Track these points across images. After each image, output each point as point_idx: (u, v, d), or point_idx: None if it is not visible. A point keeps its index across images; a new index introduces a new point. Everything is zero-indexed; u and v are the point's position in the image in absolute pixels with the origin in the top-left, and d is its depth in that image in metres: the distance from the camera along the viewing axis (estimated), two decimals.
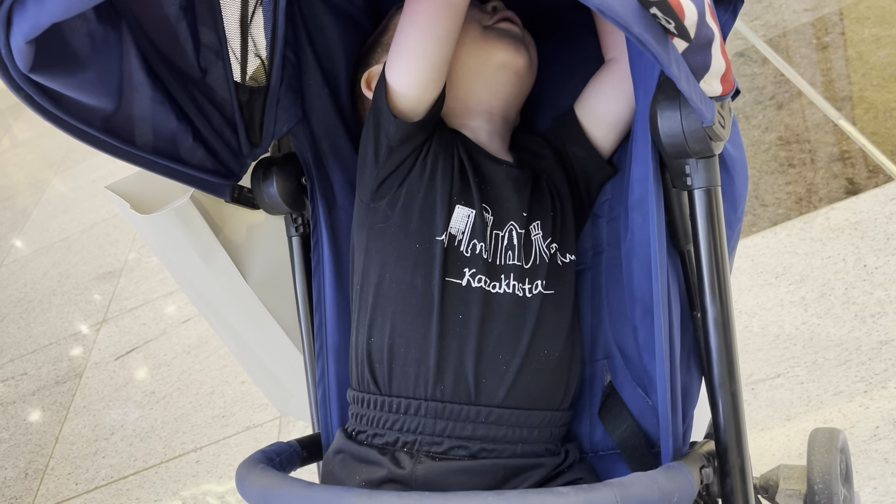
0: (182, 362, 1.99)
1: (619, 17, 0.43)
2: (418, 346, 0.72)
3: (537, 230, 0.77)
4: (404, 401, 0.72)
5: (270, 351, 0.93)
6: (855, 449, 1.17)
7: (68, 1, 0.45)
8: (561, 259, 0.78)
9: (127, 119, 0.68)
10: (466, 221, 0.74)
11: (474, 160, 0.78)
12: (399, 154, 0.75)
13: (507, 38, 0.82)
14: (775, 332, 1.38)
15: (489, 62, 0.81)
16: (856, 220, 1.49)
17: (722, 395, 0.65)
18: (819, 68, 1.88)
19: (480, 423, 0.71)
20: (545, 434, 0.74)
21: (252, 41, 0.80)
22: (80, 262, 2.60)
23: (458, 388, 0.71)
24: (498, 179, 0.78)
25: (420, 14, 0.72)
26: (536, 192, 0.80)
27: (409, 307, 0.73)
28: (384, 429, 0.72)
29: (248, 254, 0.87)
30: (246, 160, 0.82)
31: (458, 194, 0.75)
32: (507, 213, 0.76)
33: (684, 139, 0.60)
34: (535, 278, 0.75)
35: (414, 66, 0.72)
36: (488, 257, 0.74)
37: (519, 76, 0.83)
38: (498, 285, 0.74)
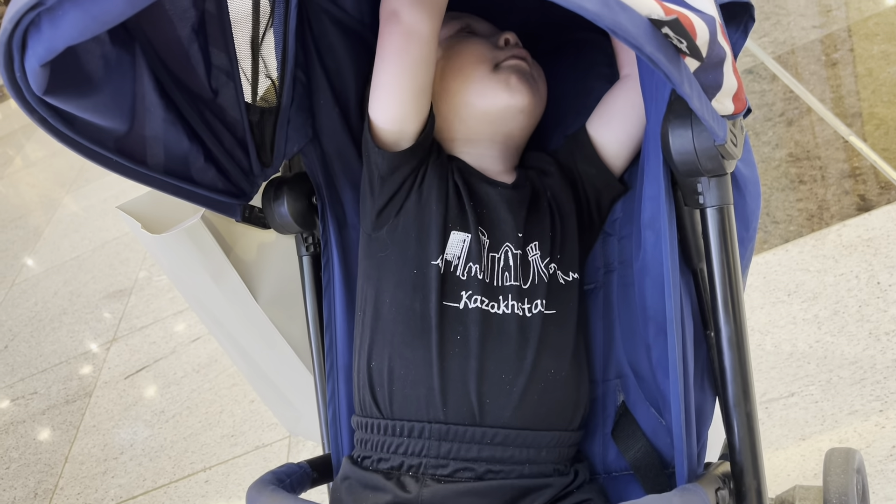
0: (191, 381, 1.98)
1: (631, 36, 0.43)
2: (418, 368, 0.72)
3: (535, 251, 0.77)
4: (407, 424, 0.72)
5: (280, 371, 0.93)
6: (871, 469, 1.15)
7: (83, 24, 0.45)
8: (562, 278, 0.78)
9: (139, 140, 0.69)
10: (462, 246, 0.75)
11: (469, 184, 0.79)
12: (391, 183, 0.76)
13: (514, 80, 0.82)
14: (789, 350, 1.37)
15: (495, 104, 0.82)
16: (868, 237, 1.48)
17: (737, 416, 0.64)
18: (828, 85, 1.88)
19: (486, 445, 0.70)
20: (553, 454, 0.73)
21: (263, 62, 0.81)
22: (91, 281, 2.61)
23: (462, 409, 0.71)
24: (493, 202, 0.78)
25: (386, 47, 0.73)
26: (534, 211, 0.80)
27: (408, 330, 0.73)
28: (388, 453, 0.72)
29: (258, 273, 0.87)
30: (257, 180, 0.82)
31: (452, 220, 0.76)
32: (503, 234, 0.77)
33: (696, 157, 0.60)
34: (534, 298, 0.75)
35: (388, 100, 0.74)
36: (485, 278, 0.74)
37: (525, 114, 0.84)
38: (497, 305, 0.74)
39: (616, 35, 0.43)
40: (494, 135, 0.83)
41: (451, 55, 0.83)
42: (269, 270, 0.88)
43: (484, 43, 0.84)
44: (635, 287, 0.77)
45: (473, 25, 0.88)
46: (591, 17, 0.41)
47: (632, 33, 0.43)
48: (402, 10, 0.71)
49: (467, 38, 0.85)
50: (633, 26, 0.43)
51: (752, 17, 0.67)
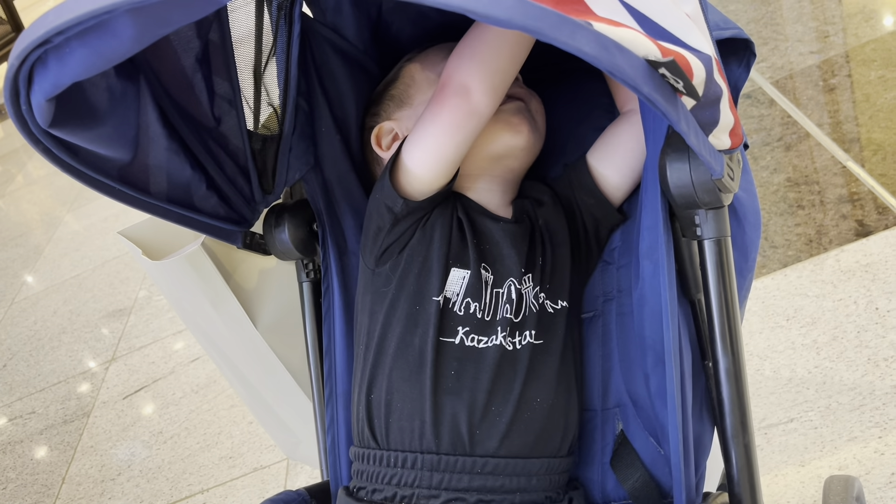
0: (190, 402, 1.98)
1: (628, 77, 0.44)
2: (413, 401, 0.73)
3: (528, 282, 0.78)
4: (401, 454, 0.72)
5: (279, 396, 0.93)
6: (870, 496, 1.15)
7: (90, 62, 0.46)
8: (551, 307, 0.78)
9: (142, 168, 0.69)
10: (461, 283, 0.76)
11: (473, 220, 0.79)
12: (403, 225, 0.77)
13: (514, 119, 0.83)
14: (787, 375, 1.37)
15: (497, 144, 0.82)
16: (867, 263, 1.49)
17: (735, 447, 0.64)
18: (826, 110, 1.89)
19: (477, 474, 0.71)
20: (544, 482, 0.73)
21: (265, 90, 0.81)
22: (91, 300, 2.61)
23: (454, 440, 0.72)
24: (497, 238, 0.79)
25: (444, 116, 0.74)
26: (532, 244, 0.80)
27: (406, 364, 0.74)
28: (383, 483, 0.73)
29: (258, 299, 0.87)
30: (258, 207, 0.83)
31: (454, 257, 0.76)
32: (507, 270, 0.77)
33: (693, 191, 0.61)
34: (524, 330, 0.76)
35: (430, 161, 0.75)
36: (484, 315, 0.75)
37: (525, 150, 0.84)
38: (488, 340, 0.74)
39: (614, 76, 0.44)
40: (495, 171, 0.84)
41: None
42: (268, 297, 0.88)
43: None
44: (634, 316, 0.77)
45: None
46: (589, 59, 0.42)
47: (629, 75, 0.44)
48: (475, 88, 0.72)
49: None
50: (630, 68, 0.43)
51: (754, 53, 0.68)
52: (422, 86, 0.86)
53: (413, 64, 0.89)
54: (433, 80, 0.85)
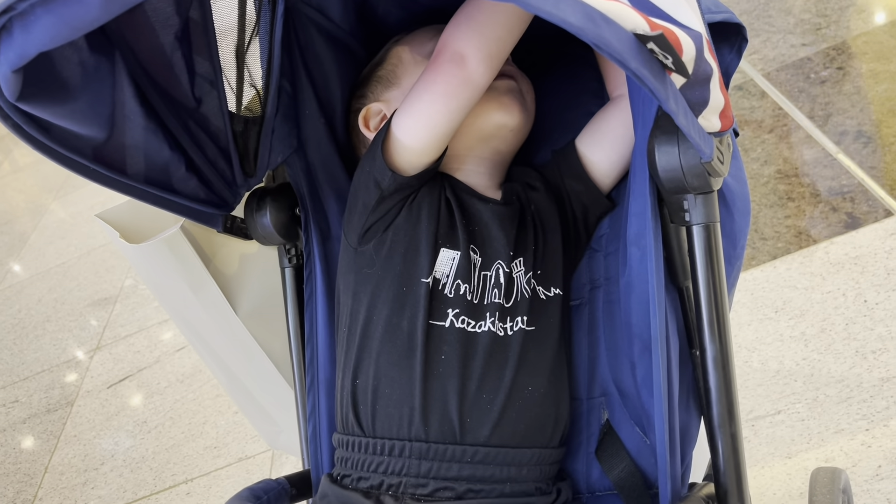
0: (175, 391, 1.96)
1: (615, 51, 0.42)
2: (402, 386, 0.71)
3: (519, 267, 0.76)
4: (388, 442, 0.71)
5: (260, 384, 0.92)
6: (857, 489, 1.15)
7: (56, 30, 0.44)
8: (544, 293, 0.77)
9: (119, 148, 0.67)
10: (451, 264, 0.74)
11: (461, 201, 0.78)
12: (389, 202, 0.75)
13: (505, 98, 0.81)
14: (775, 367, 1.36)
15: (486, 122, 0.81)
16: (856, 255, 1.48)
17: (721, 437, 0.63)
18: (817, 102, 1.89)
19: (466, 463, 0.69)
20: (534, 472, 0.72)
21: (248, 71, 0.79)
22: (76, 289, 2.58)
23: (443, 428, 0.70)
24: (485, 219, 0.77)
25: (438, 83, 0.72)
26: (522, 227, 0.79)
27: (395, 348, 0.72)
28: (369, 472, 0.71)
29: (238, 285, 0.86)
30: (239, 190, 0.81)
31: (443, 237, 0.74)
32: (495, 252, 0.76)
33: (682, 174, 0.59)
34: (515, 315, 0.74)
35: (423, 132, 0.73)
36: (473, 298, 0.73)
37: (515, 131, 0.83)
38: (479, 325, 0.73)
39: (601, 50, 0.42)
40: (483, 152, 0.83)
41: None
42: (249, 282, 0.87)
43: None
44: (620, 304, 0.76)
45: None
46: (574, 31, 0.40)
47: (616, 48, 0.42)
48: (471, 57, 0.70)
49: None
50: (617, 41, 0.42)
51: (745, 37, 0.66)
52: (409, 67, 0.85)
53: (401, 45, 0.87)
54: (421, 61, 0.84)
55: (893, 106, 1.77)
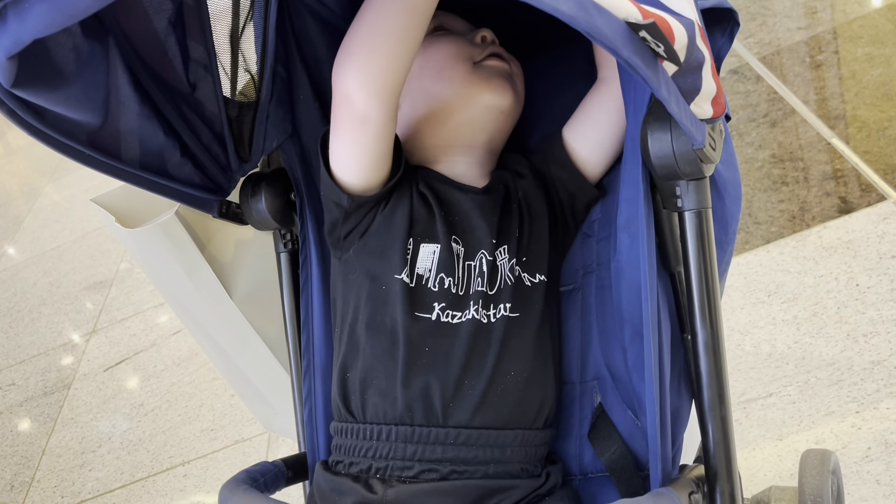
0: (171, 374, 1.97)
1: (607, 40, 0.43)
2: (388, 377, 0.72)
3: (503, 254, 0.76)
4: (376, 427, 0.72)
5: (255, 368, 0.92)
6: (846, 470, 1.16)
7: (50, 17, 0.44)
8: (529, 280, 0.77)
9: (113, 134, 0.67)
10: (432, 258, 0.74)
11: (439, 193, 0.78)
12: (357, 216, 0.75)
13: (495, 79, 0.81)
14: (768, 350, 1.38)
15: (475, 104, 0.81)
16: (848, 240, 1.49)
17: (712, 420, 0.64)
18: (812, 86, 1.89)
19: (450, 445, 0.70)
20: (519, 454, 0.73)
21: (242, 56, 0.79)
22: (71, 272, 2.58)
23: (427, 413, 0.71)
24: (466, 208, 0.77)
25: (339, 127, 0.71)
26: (506, 215, 0.78)
27: (379, 343, 0.73)
28: (359, 457, 0.72)
29: (233, 270, 0.86)
30: (234, 175, 0.81)
31: (421, 233, 0.75)
32: (478, 241, 0.76)
33: (675, 161, 0.60)
34: (498, 303, 0.74)
35: (348, 169, 0.73)
36: (458, 290, 0.74)
37: (505, 114, 0.83)
38: (463, 315, 0.73)
39: (593, 38, 0.43)
40: (475, 138, 0.82)
41: (427, 56, 0.82)
42: (244, 267, 0.87)
43: (460, 41, 0.83)
44: (612, 289, 0.76)
45: (448, 23, 0.87)
46: (566, 19, 0.41)
47: (608, 37, 0.42)
48: (356, 96, 0.68)
49: (442, 36, 0.84)
50: (609, 30, 0.42)
51: (737, 22, 0.66)
52: None
53: None
54: None
55: (888, 90, 1.77)
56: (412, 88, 0.82)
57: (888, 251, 1.44)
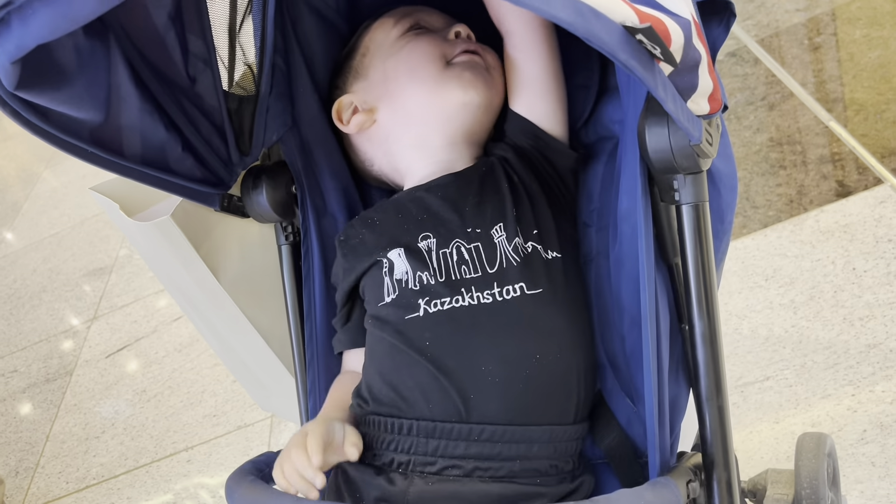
0: (173, 360, 1.98)
1: (605, 45, 0.43)
2: (399, 375, 0.73)
3: (501, 231, 0.76)
4: (397, 421, 0.72)
5: (250, 352, 0.94)
6: (842, 452, 1.18)
7: (54, 23, 0.44)
8: (544, 255, 0.76)
9: (115, 130, 0.68)
10: (401, 261, 0.76)
11: (403, 207, 0.80)
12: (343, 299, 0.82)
13: (468, 75, 0.81)
14: (765, 334, 1.39)
15: (449, 103, 0.81)
16: (845, 223, 1.50)
17: (709, 409, 0.65)
18: (811, 69, 1.89)
19: (473, 441, 0.70)
20: (547, 450, 0.71)
21: (241, 49, 0.80)
22: (71, 259, 2.59)
23: (446, 407, 0.71)
24: (434, 207, 0.79)
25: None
26: (491, 196, 0.78)
27: (386, 353, 0.75)
28: (381, 449, 0.72)
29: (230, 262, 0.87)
30: (236, 169, 0.82)
31: (386, 245, 0.78)
32: (450, 232, 0.77)
33: (672, 155, 0.60)
34: (506, 282, 0.73)
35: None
36: (437, 279, 0.75)
37: (482, 108, 0.83)
38: (455, 300, 0.73)
39: (590, 42, 0.43)
40: (454, 135, 0.83)
41: (401, 58, 0.83)
42: (240, 258, 0.88)
43: (433, 39, 0.83)
44: (611, 278, 0.77)
45: (424, 19, 0.87)
46: (565, 25, 0.41)
47: (606, 42, 0.43)
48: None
49: (416, 37, 0.84)
50: (606, 35, 0.43)
51: (734, 13, 0.66)
52: (375, 55, 0.85)
53: (368, 32, 0.88)
54: (387, 47, 0.84)
55: (886, 72, 1.77)
56: (388, 91, 0.82)
57: (885, 235, 1.45)
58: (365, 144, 0.88)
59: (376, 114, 0.84)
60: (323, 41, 0.86)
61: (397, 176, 0.87)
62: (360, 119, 0.85)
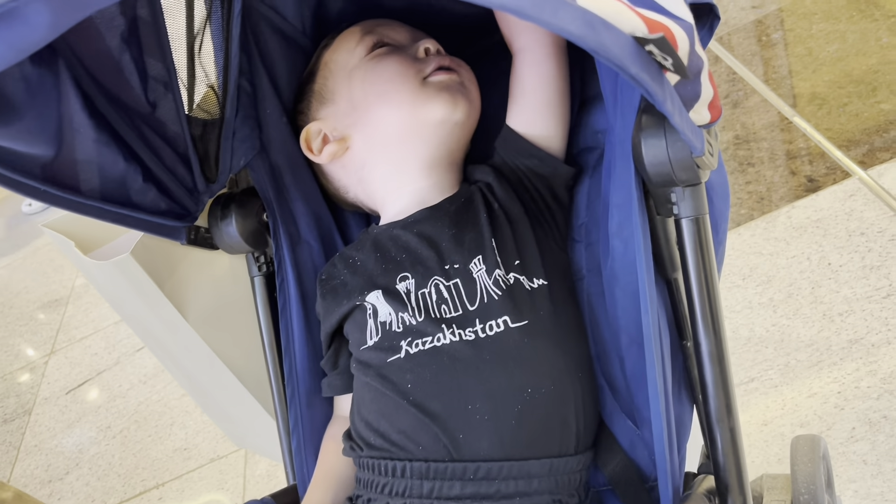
0: (138, 393, 1.91)
1: (615, 57, 0.40)
2: (387, 418, 0.70)
3: (480, 265, 0.72)
4: (390, 463, 0.68)
5: (222, 391, 0.89)
6: (833, 452, 1.17)
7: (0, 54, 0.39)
8: (528, 284, 0.72)
9: (70, 165, 0.63)
10: (383, 303, 0.73)
11: (381, 245, 0.77)
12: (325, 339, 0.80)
13: (444, 93, 0.77)
14: (746, 335, 1.38)
15: (428, 122, 0.77)
16: (817, 218, 1.50)
17: (720, 431, 0.62)
18: (770, 65, 1.89)
19: (469, 481, 0.66)
20: (548, 484, 0.68)
21: (203, 71, 0.75)
22: (24, 291, 2.48)
23: (436, 447, 0.67)
24: (412, 245, 0.75)
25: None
26: (469, 229, 0.75)
27: (371, 394, 0.72)
28: (376, 493, 0.69)
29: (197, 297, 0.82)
30: (202, 197, 0.77)
31: (363, 287, 0.75)
32: (428, 270, 0.73)
33: (671, 168, 0.57)
34: (489, 317, 0.70)
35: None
36: (416, 320, 0.71)
37: (461, 125, 0.79)
38: (436, 338, 0.70)
39: (599, 56, 0.40)
40: (433, 157, 0.79)
41: (371, 80, 0.79)
42: (200, 287, 0.83)
43: (403, 57, 0.79)
44: (606, 296, 0.74)
45: (389, 36, 0.83)
46: (574, 39, 0.38)
47: (616, 54, 0.40)
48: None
49: (384, 56, 0.80)
50: (618, 47, 0.39)
51: (717, 15, 0.64)
52: (339, 78, 0.81)
53: (327, 52, 0.83)
54: (351, 68, 0.80)
55: (845, 66, 1.78)
56: (361, 117, 0.78)
57: (856, 228, 1.45)
58: (339, 172, 0.83)
59: (349, 141, 0.80)
60: (288, 62, 0.82)
61: (373, 203, 0.83)
62: (332, 149, 0.80)
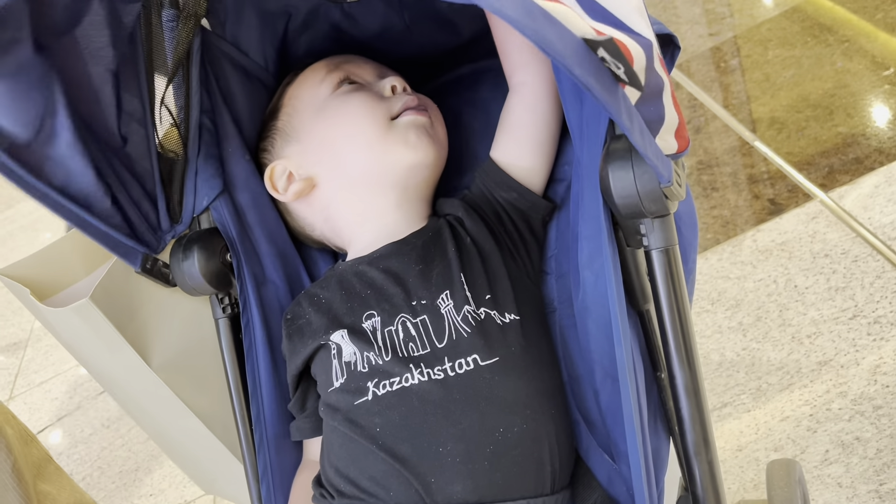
0: (101, 438, 1.85)
1: (558, 53, 0.38)
2: (356, 468, 0.68)
3: (447, 301, 0.71)
4: None
5: (189, 438, 0.86)
6: (808, 475, 1.17)
7: None
8: (500, 319, 0.71)
9: (39, 157, 0.62)
10: (349, 343, 0.72)
11: (347, 282, 0.76)
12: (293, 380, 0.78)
13: (411, 136, 0.77)
14: (717, 359, 1.38)
15: (396, 166, 0.77)
16: (782, 241, 1.52)
17: (698, 465, 0.61)
18: (729, 91, 1.93)
19: None
20: None
21: (167, 109, 0.74)
22: None
23: (408, 492, 0.65)
24: (378, 282, 0.74)
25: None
26: (431, 268, 0.74)
27: (340, 443, 0.71)
28: None
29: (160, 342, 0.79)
30: (164, 236, 0.75)
31: (327, 327, 0.74)
32: (395, 307, 0.72)
33: (639, 200, 0.57)
34: (458, 355, 0.68)
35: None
36: (382, 359, 0.70)
37: (430, 167, 0.79)
38: (403, 378, 0.68)
39: (543, 51, 0.39)
40: (401, 198, 0.78)
41: (338, 120, 0.78)
42: (162, 332, 0.80)
43: (369, 97, 0.78)
44: (577, 329, 0.73)
45: (355, 73, 0.82)
46: (511, 23, 0.37)
47: (559, 50, 0.38)
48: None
49: (350, 94, 0.79)
50: (560, 42, 0.38)
51: (678, 45, 0.64)
52: (305, 115, 0.80)
53: (291, 88, 0.82)
54: (316, 106, 0.79)
55: (802, 90, 1.82)
56: (327, 156, 0.77)
57: (820, 250, 1.47)
58: (304, 210, 0.82)
59: (316, 180, 0.79)
60: (251, 99, 0.80)
61: (340, 240, 0.82)
62: (298, 187, 0.79)
